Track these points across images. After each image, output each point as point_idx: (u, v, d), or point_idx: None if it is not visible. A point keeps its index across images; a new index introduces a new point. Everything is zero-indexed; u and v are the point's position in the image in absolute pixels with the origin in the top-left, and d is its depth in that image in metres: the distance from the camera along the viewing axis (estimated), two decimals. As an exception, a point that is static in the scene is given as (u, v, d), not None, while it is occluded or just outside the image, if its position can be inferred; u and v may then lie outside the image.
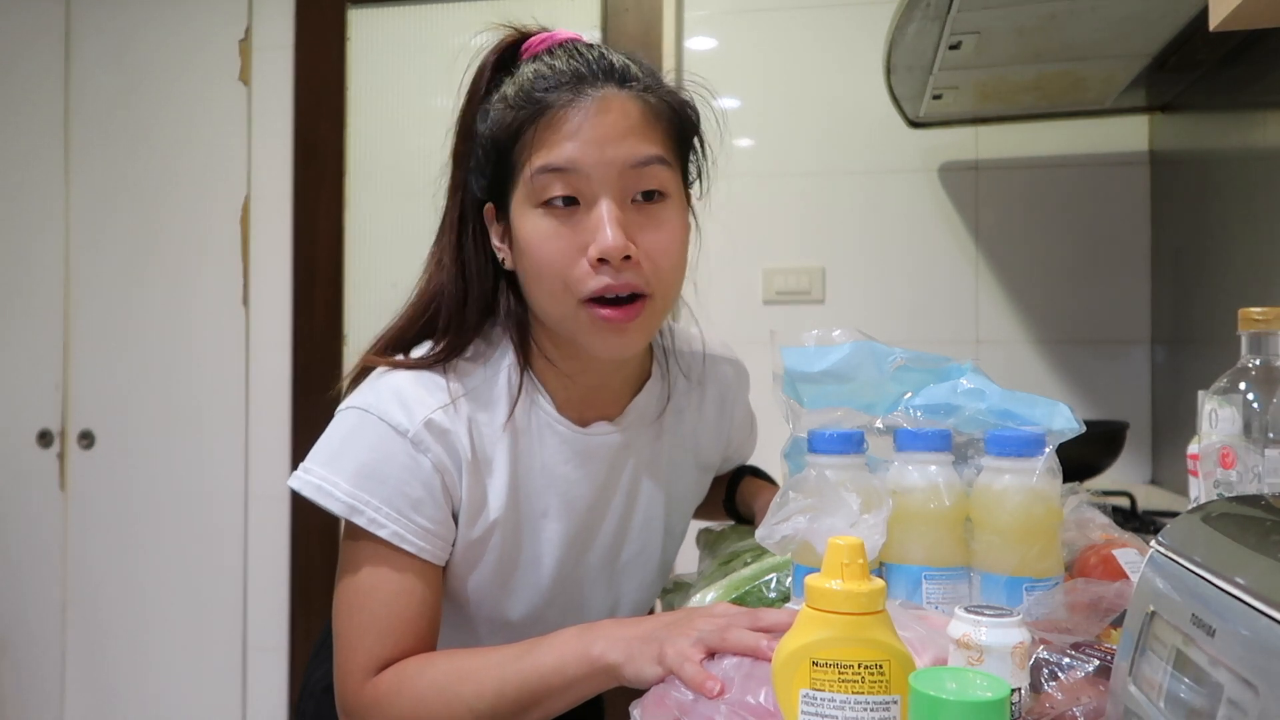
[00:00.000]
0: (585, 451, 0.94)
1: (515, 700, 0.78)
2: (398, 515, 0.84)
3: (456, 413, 0.87)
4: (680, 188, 0.89)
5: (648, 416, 0.99)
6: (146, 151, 2.60)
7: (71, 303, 2.64)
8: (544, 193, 0.83)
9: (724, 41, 2.28)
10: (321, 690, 1.04)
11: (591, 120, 0.82)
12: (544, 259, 0.84)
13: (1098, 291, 2.08)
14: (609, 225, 0.81)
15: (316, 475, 0.85)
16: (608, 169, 0.82)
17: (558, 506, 0.93)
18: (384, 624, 0.83)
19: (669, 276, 0.86)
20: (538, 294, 0.87)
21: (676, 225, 0.87)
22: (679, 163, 0.89)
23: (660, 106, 0.87)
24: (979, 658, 0.55)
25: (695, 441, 1.06)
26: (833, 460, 0.76)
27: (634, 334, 0.85)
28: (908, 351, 0.86)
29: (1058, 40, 1.59)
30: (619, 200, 0.83)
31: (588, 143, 0.82)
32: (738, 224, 2.23)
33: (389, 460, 0.84)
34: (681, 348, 1.05)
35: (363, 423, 0.86)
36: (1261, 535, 0.49)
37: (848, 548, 0.51)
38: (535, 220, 0.84)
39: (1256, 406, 0.77)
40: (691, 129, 0.91)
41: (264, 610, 2.52)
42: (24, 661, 2.66)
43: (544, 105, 0.83)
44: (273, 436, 2.50)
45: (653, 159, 0.84)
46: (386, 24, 2.47)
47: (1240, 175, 1.61)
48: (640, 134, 0.84)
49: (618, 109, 0.83)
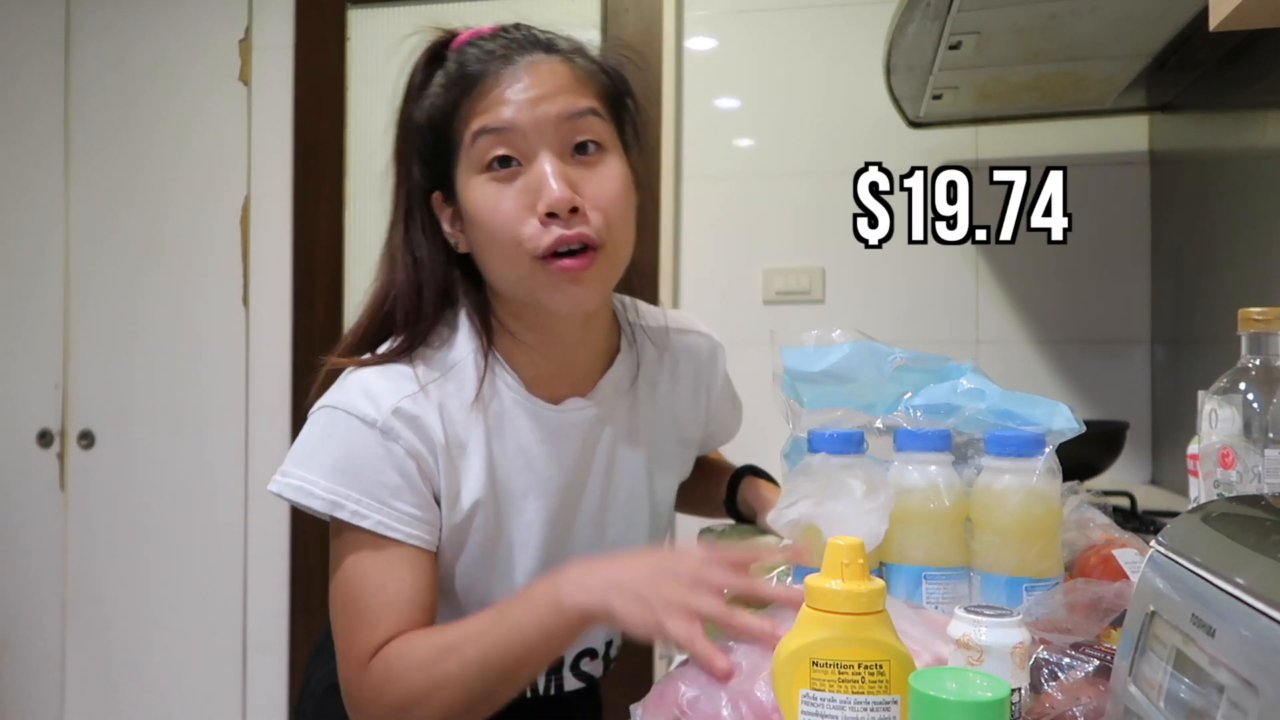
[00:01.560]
0: (559, 428, 0.94)
1: (501, 665, 0.79)
2: (379, 505, 0.85)
3: (426, 399, 0.88)
4: (617, 143, 0.91)
5: (620, 389, 1.00)
6: (147, 152, 2.60)
7: (71, 303, 2.64)
8: (485, 156, 0.85)
9: (724, 41, 2.28)
10: (322, 691, 1.04)
11: (523, 81, 0.85)
12: (495, 223, 0.85)
13: (1098, 291, 2.08)
14: (553, 179, 0.84)
15: (295, 477, 0.87)
16: (543, 124, 0.85)
17: (536, 486, 0.94)
18: (376, 613, 0.84)
19: (617, 225, 0.88)
20: (493, 261, 0.88)
21: (618, 175, 0.89)
22: (613, 119, 0.91)
23: (589, 68, 0.90)
24: (979, 658, 0.55)
25: (672, 413, 1.06)
26: (833, 460, 0.76)
27: (590, 284, 0.86)
28: (907, 351, 0.86)
29: (1058, 40, 1.59)
30: (559, 154, 0.85)
31: (521, 102, 0.85)
32: (738, 224, 2.23)
33: (362, 452, 0.85)
34: (646, 321, 1.06)
35: (332, 420, 0.87)
36: (1261, 535, 0.49)
37: (848, 548, 0.51)
38: (481, 187, 0.86)
39: (1256, 406, 0.77)
40: (622, 90, 0.94)
41: (264, 610, 2.52)
42: (24, 661, 2.66)
43: (477, 76, 0.86)
44: (273, 436, 2.50)
45: (586, 111, 0.87)
46: (386, 24, 2.47)
47: (1240, 175, 1.61)
48: (572, 90, 0.87)
49: (547, 69, 0.87)
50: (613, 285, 0.92)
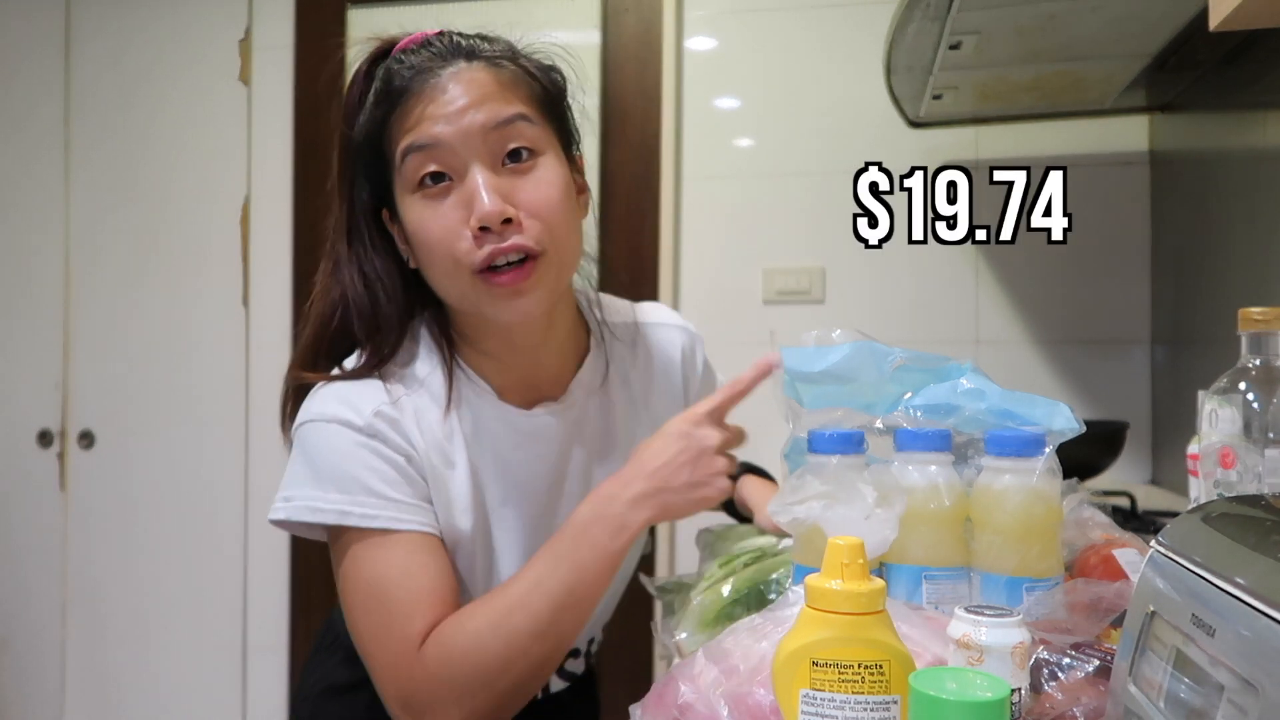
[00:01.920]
0: (532, 433, 0.94)
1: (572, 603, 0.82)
2: (384, 502, 0.84)
3: (400, 411, 0.87)
4: (554, 145, 0.89)
5: (591, 388, 0.99)
6: (146, 152, 2.60)
7: (71, 303, 2.64)
8: (416, 175, 0.84)
9: (724, 41, 2.28)
10: (318, 693, 1.04)
11: (447, 93, 0.84)
12: (430, 241, 0.85)
13: (1098, 291, 2.08)
14: (483, 191, 0.83)
15: (299, 498, 0.86)
16: (470, 136, 0.83)
17: (515, 493, 0.94)
18: (410, 603, 0.82)
19: (558, 231, 0.86)
20: (436, 278, 0.88)
21: (554, 180, 0.87)
22: (547, 122, 0.89)
23: (516, 72, 0.88)
24: (979, 658, 0.55)
25: (648, 409, 1.05)
26: (833, 460, 0.76)
27: (532, 294, 0.85)
28: (907, 351, 0.86)
29: (1058, 40, 1.59)
30: (490, 166, 0.84)
31: (446, 115, 0.84)
32: (738, 224, 2.23)
33: (354, 455, 0.85)
34: (614, 317, 1.05)
35: (317, 433, 0.86)
36: (1261, 535, 0.49)
37: (848, 548, 0.51)
38: (415, 206, 0.86)
39: (1256, 406, 0.77)
40: (557, 91, 0.92)
41: (264, 610, 2.52)
42: (24, 661, 2.66)
43: (401, 93, 0.86)
44: (273, 437, 2.48)
45: (514, 117, 0.85)
46: (386, 24, 2.45)
47: (1240, 175, 1.61)
48: (497, 97, 0.85)
49: (467, 79, 0.85)
50: (559, 290, 0.91)
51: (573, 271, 0.93)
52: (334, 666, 1.03)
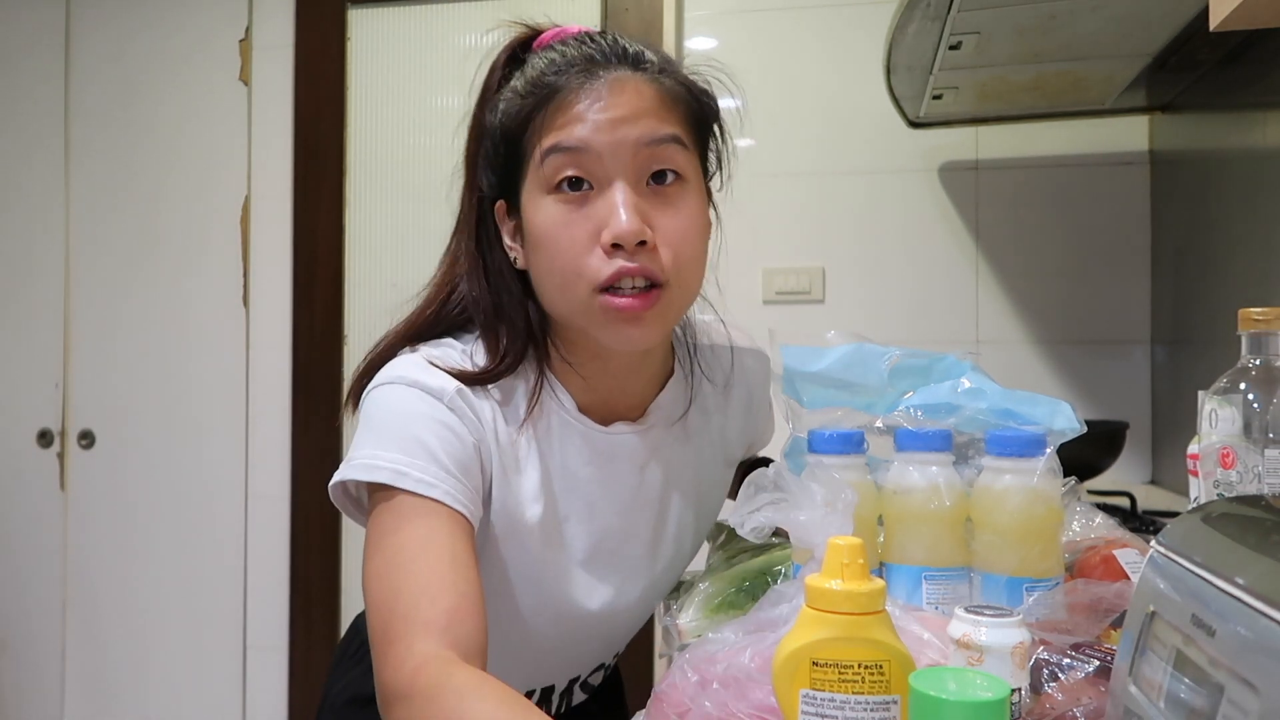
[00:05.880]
0: (607, 451, 0.89)
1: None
2: (444, 474, 0.77)
3: (482, 399, 0.83)
4: (699, 174, 0.85)
5: (671, 417, 0.95)
6: (146, 151, 2.60)
7: (71, 303, 2.64)
8: (554, 176, 0.80)
9: (724, 41, 2.28)
10: (343, 703, 1.01)
11: (604, 100, 0.79)
12: (556, 247, 0.80)
13: (1098, 291, 2.08)
14: (623, 209, 0.78)
15: (358, 458, 0.78)
16: (620, 149, 0.79)
17: (580, 510, 0.89)
18: (435, 588, 0.71)
19: (688, 265, 0.82)
20: (550, 286, 0.83)
21: (695, 211, 0.83)
22: (697, 149, 0.85)
23: (676, 90, 0.83)
24: (979, 658, 0.55)
25: (724, 441, 1.02)
26: (833, 460, 0.76)
27: (650, 325, 0.81)
28: (904, 350, 0.86)
29: (1058, 40, 1.59)
30: (633, 183, 0.79)
31: (599, 123, 0.78)
32: (738, 224, 2.23)
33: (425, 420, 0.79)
34: (703, 342, 1.00)
35: (390, 394, 0.81)
36: (1261, 535, 0.49)
37: (848, 548, 0.51)
38: (547, 208, 0.81)
39: (1256, 406, 0.77)
40: (710, 116, 0.87)
41: (264, 610, 2.52)
42: (24, 661, 2.66)
43: (554, 89, 0.80)
44: (273, 436, 2.50)
45: (668, 138, 0.80)
46: (386, 24, 2.47)
47: (1240, 175, 1.61)
48: (655, 114, 0.80)
49: (631, 89, 0.80)
50: (674, 325, 0.87)
51: (688, 309, 0.89)
52: (359, 677, 0.99)
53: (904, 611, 0.64)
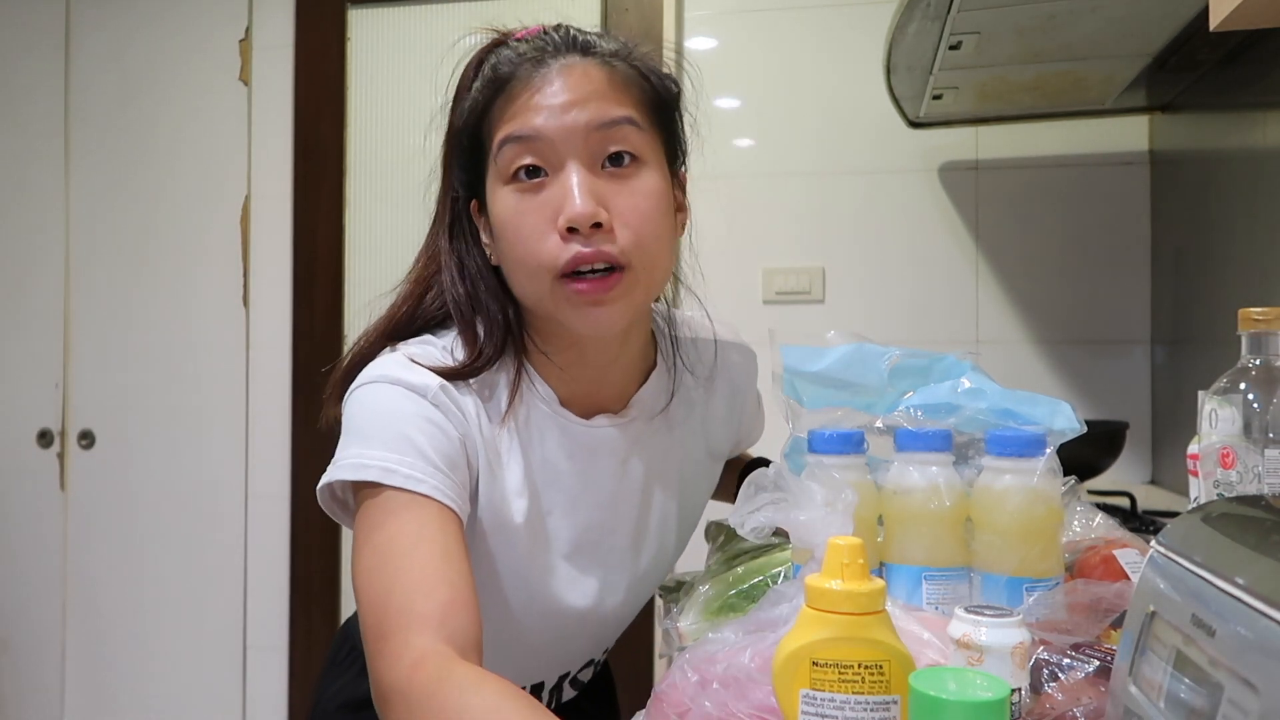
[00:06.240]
0: (588, 445, 0.90)
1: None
2: (432, 470, 0.77)
3: (464, 395, 0.83)
4: (658, 155, 0.86)
5: (653, 409, 0.95)
6: (146, 151, 2.60)
7: (71, 303, 2.64)
8: (510, 166, 0.81)
9: (724, 41, 2.28)
10: (336, 708, 1.01)
11: (553, 86, 0.80)
12: (517, 235, 0.81)
13: (1098, 291, 2.08)
14: (576, 191, 0.78)
15: (345, 458, 0.78)
16: (572, 133, 0.80)
17: (562, 503, 0.90)
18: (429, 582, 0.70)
19: (649, 245, 0.82)
20: (516, 276, 0.84)
21: (653, 190, 0.83)
22: (655, 130, 0.86)
23: (630, 73, 0.84)
24: (979, 658, 0.55)
25: (706, 433, 1.02)
26: (833, 460, 0.76)
27: (614, 305, 0.81)
28: (904, 349, 0.86)
29: (1058, 40, 1.59)
30: (588, 166, 0.80)
31: (550, 109, 0.80)
32: (738, 224, 2.23)
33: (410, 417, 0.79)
34: (686, 335, 1.00)
35: (374, 393, 0.81)
36: (1261, 535, 0.49)
37: (848, 548, 0.51)
38: (505, 198, 0.82)
39: (1256, 406, 0.77)
40: (669, 99, 0.88)
41: (264, 610, 2.52)
42: (24, 661, 2.66)
43: (505, 80, 0.82)
44: (273, 436, 2.50)
45: (620, 120, 0.81)
46: (386, 24, 2.47)
47: (1240, 175, 1.61)
48: (606, 96, 0.81)
49: (579, 74, 0.81)
50: (643, 307, 0.87)
51: (659, 291, 0.90)
52: (351, 680, 0.99)
53: (904, 611, 0.64)
